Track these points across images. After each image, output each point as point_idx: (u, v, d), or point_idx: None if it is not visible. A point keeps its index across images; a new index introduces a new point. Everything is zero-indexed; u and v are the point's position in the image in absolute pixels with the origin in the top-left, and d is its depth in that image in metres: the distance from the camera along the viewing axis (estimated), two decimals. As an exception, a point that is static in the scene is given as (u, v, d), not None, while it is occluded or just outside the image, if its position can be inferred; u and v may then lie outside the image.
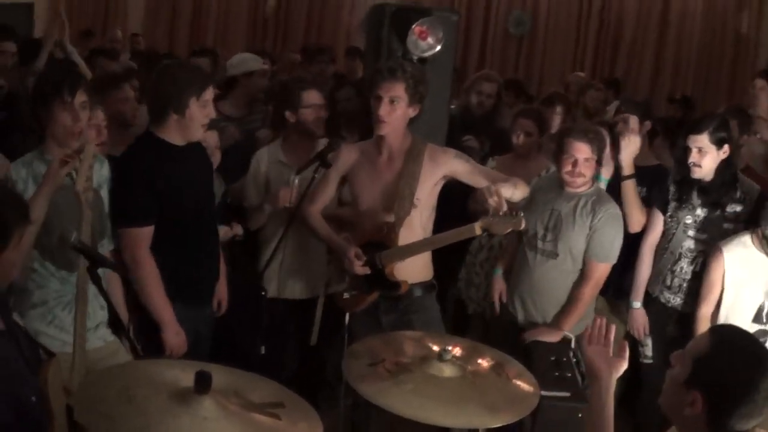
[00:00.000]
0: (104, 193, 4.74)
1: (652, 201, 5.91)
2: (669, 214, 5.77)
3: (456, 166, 5.25)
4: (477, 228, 4.93)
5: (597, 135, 5.57)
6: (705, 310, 5.46)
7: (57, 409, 3.37)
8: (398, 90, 5.10)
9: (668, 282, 5.76)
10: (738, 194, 5.63)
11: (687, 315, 5.64)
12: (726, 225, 5.60)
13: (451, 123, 6.88)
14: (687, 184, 5.66)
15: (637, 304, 5.88)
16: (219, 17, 16.57)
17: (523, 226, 4.96)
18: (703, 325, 5.34)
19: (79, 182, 4.12)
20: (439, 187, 5.29)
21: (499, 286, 5.95)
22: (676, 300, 5.75)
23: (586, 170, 5.51)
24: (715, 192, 5.60)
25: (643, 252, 5.87)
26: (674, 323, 5.75)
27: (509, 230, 4.97)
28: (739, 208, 5.61)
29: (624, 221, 5.65)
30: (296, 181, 5.67)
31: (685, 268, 5.69)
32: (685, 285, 5.70)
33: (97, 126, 5.40)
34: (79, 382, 3.39)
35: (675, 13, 13.57)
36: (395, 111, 5.12)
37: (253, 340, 5.29)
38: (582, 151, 5.48)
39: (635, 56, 13.81)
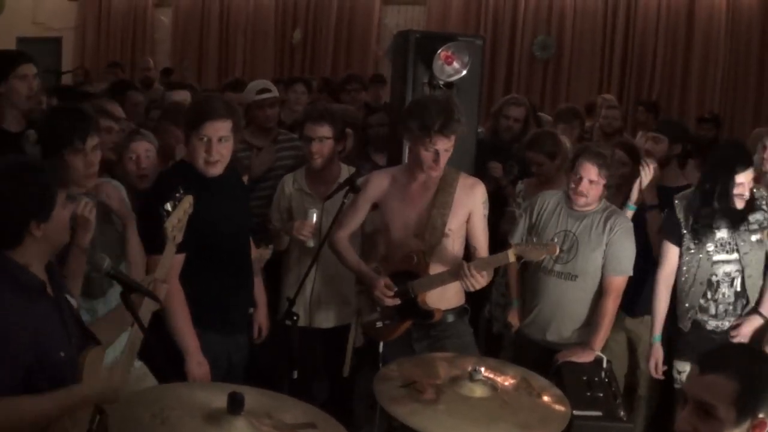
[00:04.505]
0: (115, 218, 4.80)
1: (663, 233, 5.78)
2: (686, 246, 5.65)
3: (477, 209, 5.29)
4: (511, 255, 4.93)
5: (609, 160, 5.57)
6: None
7: None
8: (451, 141, 5.12)
9: (713, 311, 5.65)
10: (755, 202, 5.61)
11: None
12: (753, 237, 5.57)
13: (479, 147, 6.89)
14: (709, 214, 5.55)
15: (658, 338, 5.75)
16: (246, 47, 16.67)
17: (557, 252, 5.01)
18: None
19: (170, 222, 4.13)
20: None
21: (516, 319, 6.00)
22: (725, 324, 5.65)
23: (590, 191, 5.53)
24: (744, 212, 5.56)
25: (658, 287, 5.73)
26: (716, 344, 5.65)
27: (543, 257, 5.01)
28: (759, 216, 5.57)
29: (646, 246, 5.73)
30: (314, 214, 5.71)
31: (727, 292, 5.61)
32: (730, 308, 5.62)
33: (137, 157, 5.51)
34: (114, 405, 3.42)
35: (700, 32, 13.53)
36: (446, 158, 5.16)
37: (283, 366, 5.31)
38: (590, 172, 5.49)
39: (661, 77, 13.79)
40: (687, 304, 5.67)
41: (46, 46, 17.02)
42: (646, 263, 5.79)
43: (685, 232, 5.63)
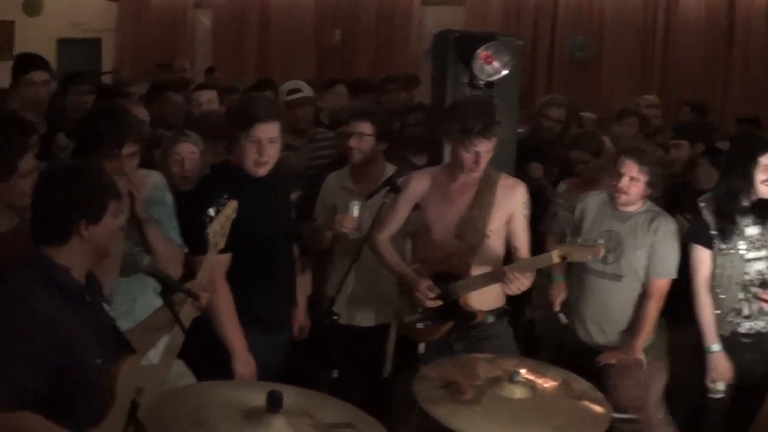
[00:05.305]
0: (157, 210, 4.81)
1: (692, 238, 5.63)
2: (717, 247, 5.50)
3: (518, 210, 5.31)
4: (555, 256, 4.90)
5: (650, 156, 5.52)
6: None
7: (122, 398, 3.45)
8: (492, 143, 5.14)
9: (746, 312, 5.51)
10: None
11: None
12: None
13: (520, 148, 6.87)
14: (731, 210, 5.44)
15: (717, 346, 5.51)
16: (285, 48, 16.67)
17: (602, 253, 4.97)
18: None
19: (212, 228, 4.15)
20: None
21: (559, 293, 5.84)
22: (758, 324, 5.52)
23: (630, 188, 5.48)
24: None
25: (699, 293, 5.54)
26: (749, 350, 5.53)
27: (588, 258, 4.98)
28: None
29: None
30: (356, 207, 5.67)
31: (759, 290, 5.47)
32: (766, 306, 5.47)
33: (181, 159, 5.53)
34: (151, 403, 3.43)
35: (740, 31, 13.42)
36: (487, 160, 5.17)
37: (323, 365, 5.30)
38: (629, 168, 5.45)
39: (702, 77, 13.68)
40: (725, 308, 5.53)
41: (85, 48, 17.12)
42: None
43: (714, 233, 5.51)
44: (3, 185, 4.09)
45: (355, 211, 5.66)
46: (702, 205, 5.58)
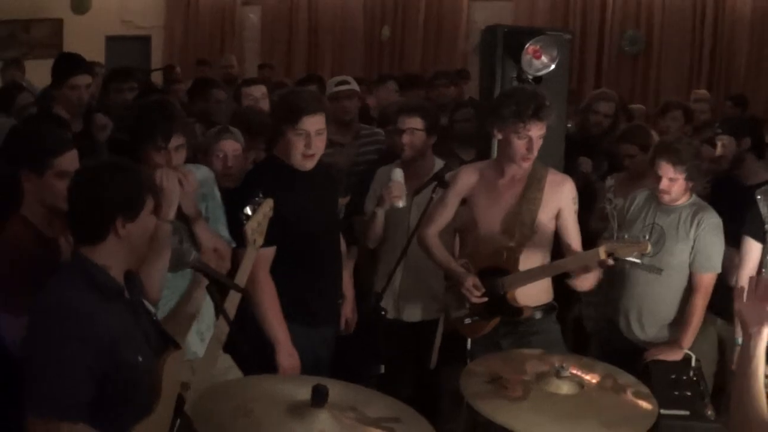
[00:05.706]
0: (205, 205, 4.80)
1: (745, 231, 5.61)
2: None
3: (567, 206, 5.27)
4: (601, 252, 4.85)
5: (684, 153, 5.45)
6: None
7: (168, 394, 3.45)
8: (544, 128, 5.12)
9: None
10: None
11: None
12: None
13: (568, 142, 6.84)
14: None
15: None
16: (334, 44, 16.71)
17: (649, 249, 4.93)
18: None
19: (250, 225, 4.16)
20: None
21: None
22: None
23: (672, 188, 5.46)
24: None
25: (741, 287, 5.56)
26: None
27: (634, 254, 4.95)
28: None
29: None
30: (398, 173, 5.67)
31: None
32: None
33: (224, 156, 5.56)
34: (197, 397, 3.45)
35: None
36: (538, 147, 5.14)
37: (370, 360, 5.31)
38: (667, 170, 5.43)
39: (752, 71, 13.55)
40: None
41: (135, 45, 17.20)
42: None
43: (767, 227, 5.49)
44: (37, 180, 4.09)
45: (398, 176, 5.65)
46: (759, 197, 5.56)
